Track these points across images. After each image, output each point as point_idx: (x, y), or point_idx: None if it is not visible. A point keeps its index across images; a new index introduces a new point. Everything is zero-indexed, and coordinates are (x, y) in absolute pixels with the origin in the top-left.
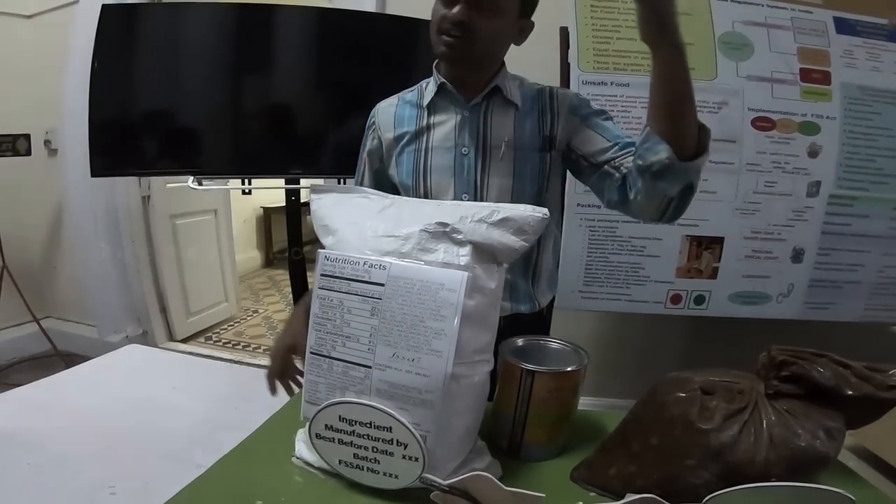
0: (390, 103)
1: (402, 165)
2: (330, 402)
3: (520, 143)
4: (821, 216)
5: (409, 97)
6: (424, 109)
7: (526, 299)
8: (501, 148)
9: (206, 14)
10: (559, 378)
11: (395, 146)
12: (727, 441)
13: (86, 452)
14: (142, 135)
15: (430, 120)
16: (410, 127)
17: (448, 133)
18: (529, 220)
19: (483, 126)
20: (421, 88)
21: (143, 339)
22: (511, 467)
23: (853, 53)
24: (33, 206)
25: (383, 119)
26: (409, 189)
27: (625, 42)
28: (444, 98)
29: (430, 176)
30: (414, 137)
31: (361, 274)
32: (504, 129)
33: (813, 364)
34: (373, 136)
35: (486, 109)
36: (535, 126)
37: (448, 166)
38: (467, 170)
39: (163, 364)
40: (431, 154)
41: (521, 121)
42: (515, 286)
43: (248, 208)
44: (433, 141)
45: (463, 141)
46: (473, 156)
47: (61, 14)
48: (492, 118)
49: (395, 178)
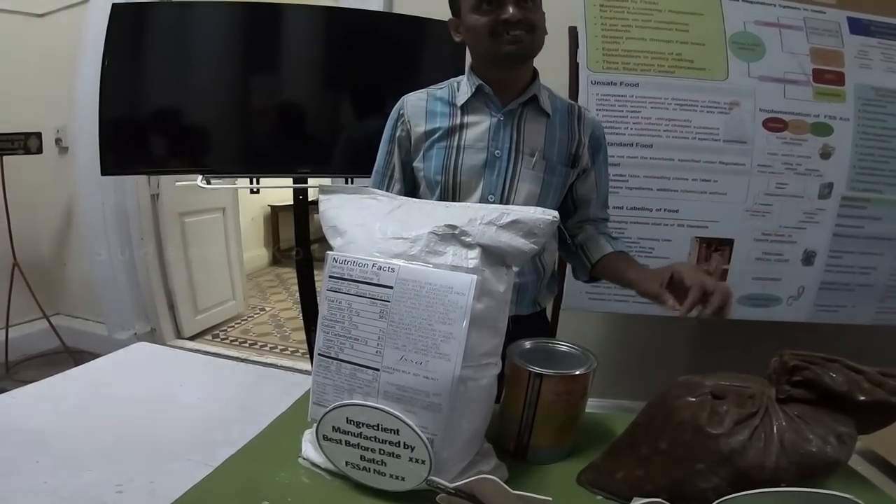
0: (419, 97)
1: (430, 160)
2: (337, 404)
3: (549, 154)
4: (833, 218)
5: (440, 94)
6: (458, 108)
7: (530, 302)
8: (535, 155)
9: (215, 13)
10: (567, 381)
11: (425, 140)
12: (737, 446)
13: (93, 450)
14: (152, 134)
15: (463, 119)
16: (443, 123)
17: (481, 134)
18: (539, 223)
19: (516, 132)
20: (453, 87)
21: (152, 336)
22: (518, 470)
23: (867, 54)
24: (44, 204)
25: (413, 111)
26: (436, 185)
27: (634, 42)
28: (480, 100)
29: (459, 174)
30: (446, 134)
31: (370, 276)
32: (536, 137)
33: (825, 369)
34: (402, 127)
35: (521, 116)
36: (564, 141)
37: (479, 167)
38: (498, 172)
39: (171, 362)
40: (463, 153)
41: (552, 132)
42: (524, 288)
43: (256, 206)
44: (466, 140)
45: (496, 144)
46: (506, 159)
47: (73, 13)
48: (525, 125)
49: (421, 173)
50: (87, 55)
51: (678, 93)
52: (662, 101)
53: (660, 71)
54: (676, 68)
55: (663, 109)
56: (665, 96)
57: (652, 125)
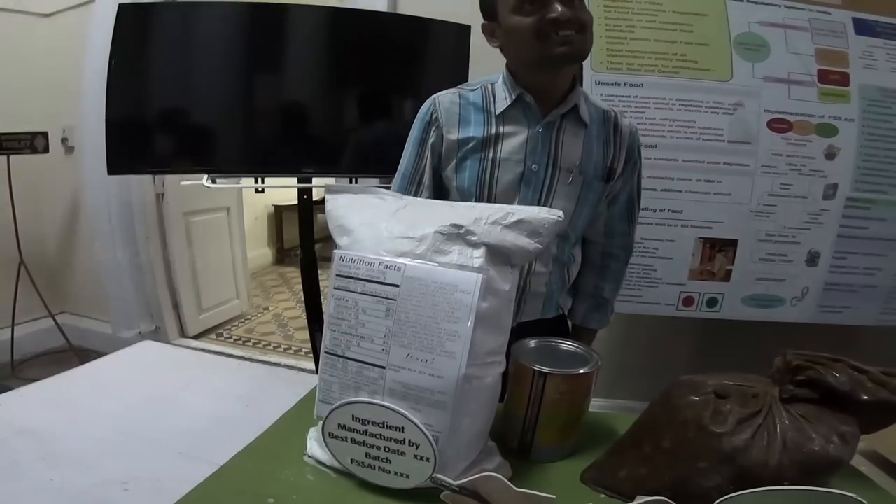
0: (452, 101)
1: (464, 171)
2: (343, 401)
3: (585, 168)
4: (837, 219)
5: (473, 97)
6: (494, 116)
7: (554, 307)
8: (572, 172)
9: (221, 13)
10: (571, 380)
11: (457, 149)
12: (740, 445)
13: (98, 449)
14: (157, 133)
15: (499, 129)
16: (477, 132)
17: (518, 147)
18: (544, 223)
19: (554, 145)
20: (487, 91)
21: (156, 335)
22: (521, 468)
23: (873, 55)
24: (50, 203)
25: (448, 116)
26: (470, 196)
27: (639, 42)
28: (519, 109)
29: (495, 188)
30: (480, 146)
31: (376, 275)
32: (574, 151)
33: (829, 369)
34: (436, 132)
35: (560, 129)
36: (601, 154)
37: (515, 181)
38: (534, 188)
39: (176, 361)
40: (499, 167)
41: (589, 144)
42: (550, 297)
43: (260, 206)
44: (502, 153)
45: (534, 158)
46: (542, 174)
47: (79, 13)
48: (563, 138)
49: (453, 182)
50: (94, 55)
51: (682, 93)
52: (666, 102)
53: (664, 71)
54: (681, 69)
55: (667, 110)
56: (669, 97)
57: (656, 126)
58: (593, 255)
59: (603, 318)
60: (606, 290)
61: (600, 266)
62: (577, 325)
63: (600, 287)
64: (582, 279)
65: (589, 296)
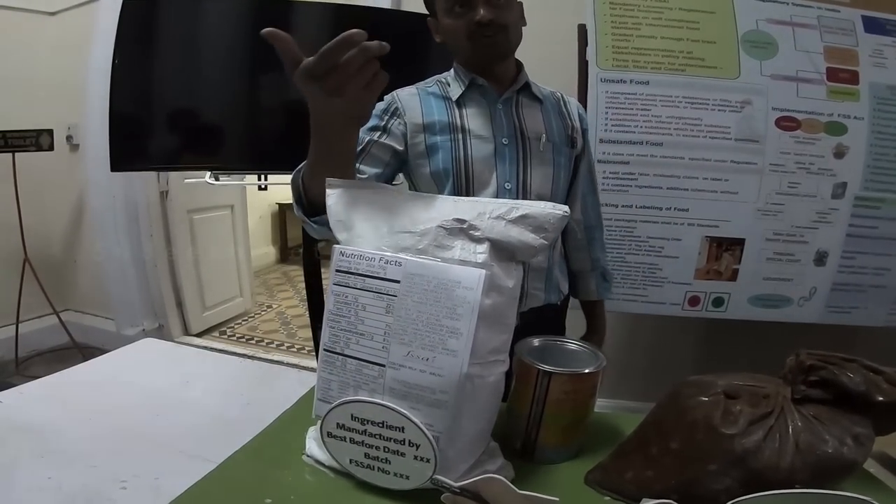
0: (411, 93)
1: (437, 154)
2: (342, 400)
3: (552, 136)
4: (846, 218)
5: (432, 89)
6: (454, 103)
7: (556, 288)
8: (542, 139)
9: (225, 9)
10: (576, 380)
11: (423, 134)
12: (751, 446)
13: (98, 446)
14: (161, 130)
15: (461, 111)
16: (441, 117)
17: (484, 124)
18: (549, 218)
19: (517, 120)
20: (442, 83)
21: (160, 332)
22: (524, 469)
23: (882, 53)
24: (55, 201)
25: (409, 104)
26: (447, 178)
27: (644, 40)
28: (475, 92)
29: (471, 165)
30: (447, 128)
31: (377, 270)
32: (536, 122)
33: (843, 369)
34: (398, 121)
35: (517, 103)
36: (560, 123)
37: (489, 157)
38: (509, 160)
39: (177, 358)
40: (471, 144)
41: (548, 115)
42: (550, 274)
43: (264, 204)
44: (470, 132)
45: (501, 132)
46: (514, 147)
47: (84, 11)
48: (523, 111)
49: (425, 168)
50: (98, 53)
51: (689, 91)
52: (673, 100)
53: (670, 69)
54: (687, 66)
55: (674, 107)
56: (676, 94)
57: (662, 123)
58: (577, 234)
59: (610, 286)
60: (602, 259)
61: (588, 241)
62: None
63: (597, 258)
64: (577, 259)
65: (591, 270)
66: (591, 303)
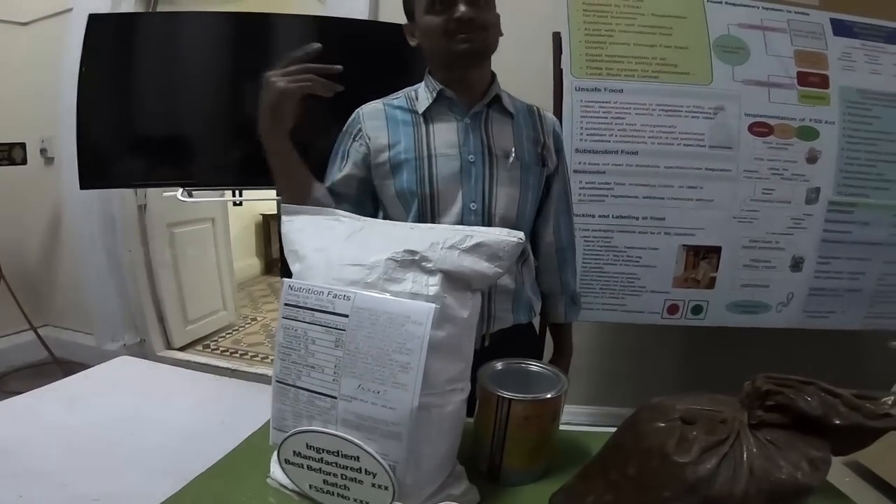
0: (375, 108)
1: (401, 174)
2: (296, 430)
3: (521, 154)
4: (820, 224)
5: (398, 102)
6: (420, 116)
7: (527, 308)
8: (510, 157)
9: (197, 23)
10: (536, 405)
11: (388, 153)
12: (704, 475)
13: (69, 465)
14: (130, 147)
15: (427, 127)
16: (407, 133)
17: (450, 140)
18: (504, 246)
19: (485, 135)
20: (410, 96)
21: (141, 347)
22: (490, 492)
23: (851, 56)
24: (30, 215)
25: (372, 124)
26: (412, 198)
27: (618, 47)
28: (443, 105)
29: (436, 184)
30: (413, 145)
31: (325, 304)
32: (505, 139)
33: (800, 393)
34: (360, 143)
35: (487, 118)
36: (531, 140)
37: (454, 174)
38: (475, 178)
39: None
40: (436, 161)
41: (518, 132)
42: (519, 294)
43: (248, 215)
44: (436, 148)
45: (468, 148)
46: (481, 164)
47: (56, 22)
48: (492, 127)
49: (390, 188)
50: (71, 64)
51: (662, 98)
52: (647, 107)
53: (643, 76)
54: (660, 73)
55: (648, 115)
56: (649, 102)
57: (637, 132)
58: (548, 256)
59: (578, 310)
60: (572, 283)
61: (559, 263)
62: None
63: (567, 282)
64: (547, 280)
65: (560, 293)
66: (558, 325)
